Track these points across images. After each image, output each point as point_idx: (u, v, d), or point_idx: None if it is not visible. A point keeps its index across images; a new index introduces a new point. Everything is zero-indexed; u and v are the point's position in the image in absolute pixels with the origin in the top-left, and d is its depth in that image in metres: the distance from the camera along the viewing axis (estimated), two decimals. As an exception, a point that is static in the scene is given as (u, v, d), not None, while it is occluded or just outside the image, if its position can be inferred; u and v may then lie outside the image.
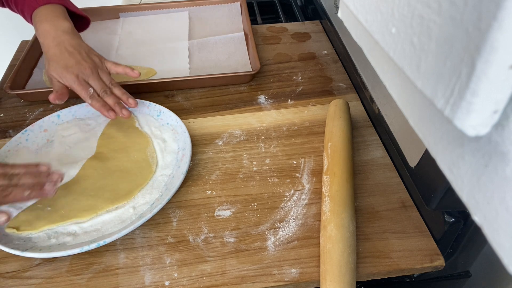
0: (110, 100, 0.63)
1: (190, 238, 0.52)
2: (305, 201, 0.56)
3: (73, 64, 0.62)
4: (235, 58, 0.82)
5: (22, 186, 0.49)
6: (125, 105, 0.65)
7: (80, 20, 0.74)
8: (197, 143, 0.65)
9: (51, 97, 0.62)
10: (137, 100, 0.69)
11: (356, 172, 0.59)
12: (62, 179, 0.53)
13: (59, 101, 0.62)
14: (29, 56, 0.80)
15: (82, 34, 0.88)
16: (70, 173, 0.58)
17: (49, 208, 0.53)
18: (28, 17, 0.68)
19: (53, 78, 0.63)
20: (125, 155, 0.61)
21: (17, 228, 0.51)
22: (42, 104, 0.73)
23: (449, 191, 0.46)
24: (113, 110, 0.63)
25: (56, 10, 0.67)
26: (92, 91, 0.62)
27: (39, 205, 0.53)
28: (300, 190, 0.57)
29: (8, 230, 0.50)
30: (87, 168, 0.59)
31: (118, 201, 0.54)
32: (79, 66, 0.62)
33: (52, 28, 0.64)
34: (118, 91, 0.64)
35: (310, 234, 0.52)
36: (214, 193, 0.57)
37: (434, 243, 0.51)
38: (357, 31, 0.30)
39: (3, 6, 0.73)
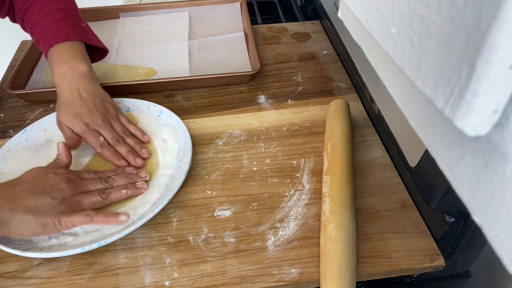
0: (122, 149, 0.59)
1: (190, 238, 0.52)
2: (305, 201, 0.56)
3: (85, 112, 0.59)
4: (235, 58, 0.82)
5: (118, 187, 0.54)
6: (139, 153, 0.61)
7: (99, 50, 0.71)
8: (197, 143, 0.65)
9: (62, 146, 0.56)
10: (137, 100, 0.69)
11: (356, 172, 0.59)
12: (148, 176, 0.57)
13: (73, 149, 0.59)
14: (29, 56, 0.80)
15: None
16: (70, 173, 0.58)
17: None
18: (44, 52, 0.64)
19: (63, 124, 0.60)
20: None
21: None
22: (42, 104, 0.73)
23: (449, 191, 0.46)
24: (124, 159, 0.59)
25: (75, 48, 0.63)
26: (102, 139, 0.59)
27: None
28: (300, 190, 0.57)
29: None
30: (88, 168, 0.59)
31: (119, 203, 0.54)
32: (90, 115, 0.59)
33: (69, 71, 0.61)
34: (131, 141, 0.61)
35: (310, 234, 0.52)
36: (214, 193, 0.57)
37: (434, 243, 0.51)
38: (357, 31, 0.30)
39: (14, 21, 0.69)
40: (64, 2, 0.66)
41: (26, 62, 0.79)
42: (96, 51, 0.70)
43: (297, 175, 0.59)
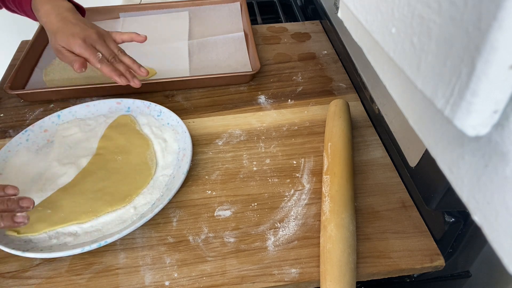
0: (120, 67, 0.62)
1: (190, 238, 0.52)
2: (305, 201, 0.56)
3: (79, 31, 0.62)
4: (235, 58, 0.82)
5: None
6: (135, 74, 0.64)
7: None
8: (197, 143, 0.65)
9: (76, 66, 0.60)
10: (137, 100, 0.69)
11: (356, 172, 0.59)
12: (33, 206, 0.47)
13: (84, 69, 0.61)
14: (29, 56, 0.80)
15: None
16: (70, 173, 0.58)
17: (49, 211, 0.53)
18: (28, 6, 0.67)
19: (62, 49, 0.62)
20: (125, 158, 0.61)
21: (18, 231, 0.50)
22: (42, 104, 0.73)
23: (449, 191, 0.45)
24: (124, 76, 0.62)
25: None
26: (100, 55, 0.62)
27: (40, 208, 0.53)
28: (300, 190, 0.57)
29: (9, 233, 0.50)
30: (87, 169, 0.59)
31: (117, 204, 0.54)
32: (85, 32, 0.62)
33: (54, 8, 0.64)
34: (127, 60, 0.64)
35: (310, 234, 0.52)
36: (214, 193, 0.57)
37: (434, 243, 0.51)
38: (357, 31, 0.30)
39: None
40: None
41: (26, 62, 0.79)
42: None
43: (297, 175, 0.59)
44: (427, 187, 0.50)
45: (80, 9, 0.74)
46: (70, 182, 0.57)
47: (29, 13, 0.68)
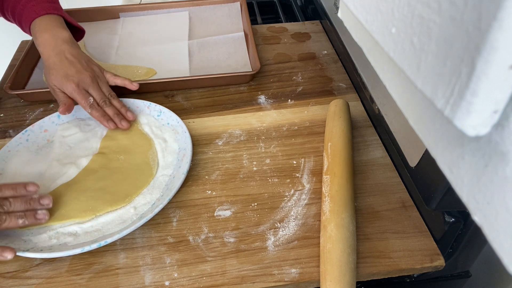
0: (110, 111, 0.64)
1: (190, 238, 0.52)
2: (305, 201, 0.56)
3: (73, 73, 0.62)
4: (235, 58, 0.82)
5: (15, 213, 0.48)
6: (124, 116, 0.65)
7: (75, 32, 0.74)
8: (197, 143, 0.65)
9: (60, 110, 0.62)
10: (137, 100, 0.69)
11: (356, 172, 0.59)
12: (52, 203, 0.51)
13: (68, 113, 0.62)
14: (29, 56, 0.80)
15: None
16: (70, 173, 0.58)
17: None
18: (27, 28, 0.67)
19: (55, 88, 0.63)
20: (127, 157, 0.61)
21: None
22: (42, 104, 0.73)
23: (449, 191, 0.45)
24: (112, 120, 0.63)
25: (55, 20, 0.67)
26: (92, 100, 0.63)
27: None
28: (300, 190, 0.57)
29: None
30: (89, 168, 0.59)
31: (117, 204, 0.54)
32: (79, 75, 0.62)
33: (52, 38, 0.64)
34: (117, 103, 0.65)
35: (310, 234, 0.52)
36: (214, 193, 0.57)
37: (434, 243, 0.51)
38: (357, 31, 0.30)
39: None
40: None
41: (26, 62, 0.79)
42: (74, 36, 0.72)
43: (297, 175, 0.59)
44: (427, 187, 0.50)
45: (79, 31, 0.74)
46: (71, 180, 0.57)
47: (28, 33, 0.68)
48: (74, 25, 0.72)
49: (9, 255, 0.46)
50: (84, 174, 0.58)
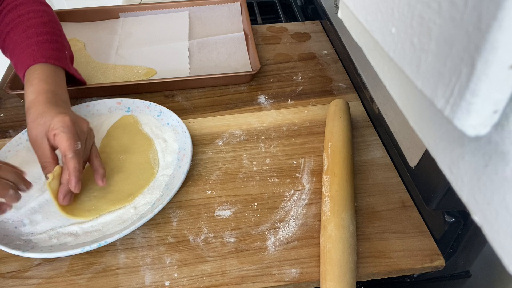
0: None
1: (190, 238, 0.52)
2: (305, 201, 0.56)
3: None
4: (235, 58, 0.82)
5: (5, 181, 0.47)
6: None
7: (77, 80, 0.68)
8: (197, 143, 0.65)
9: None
10: (137, 100, 0.69)
11: (356, 172, 0.59)
12: (30, 188, 0.50)
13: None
14: (29, 56, 0.80)
15: (83, 35, 0.89)
16: (70, 173, 0.58)
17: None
18: (21, 74, 0.59)
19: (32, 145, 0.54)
20: (128, 157, 0.61)
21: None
22: (42, 104, 0.73)
23: (449, 191, 0.46)
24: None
25: (50, 72, 0.58)
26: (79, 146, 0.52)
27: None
28: (300, 190, 0.57)
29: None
30: (90, 167, 0.59)
31: (120, 203, 0.54)
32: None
33: (41, 98, 0.54)
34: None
35: (310, 234, 0.52)
36: (214, 193, 0.57)
37: (434, 243, 0.51)
38: (357, 31, 0.30)
39: None
40: (51, 27, 0.63)
41: (26, 62, 0.79)
42: (74, 80, 0.68)
43: (297, 175, 0.59)
44: (427, 187, 0.50)
45: (80, 81, 0.69)
46: None
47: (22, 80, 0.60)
48: (76, 77, 0.66)
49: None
50: (86, 174, 0.58)
